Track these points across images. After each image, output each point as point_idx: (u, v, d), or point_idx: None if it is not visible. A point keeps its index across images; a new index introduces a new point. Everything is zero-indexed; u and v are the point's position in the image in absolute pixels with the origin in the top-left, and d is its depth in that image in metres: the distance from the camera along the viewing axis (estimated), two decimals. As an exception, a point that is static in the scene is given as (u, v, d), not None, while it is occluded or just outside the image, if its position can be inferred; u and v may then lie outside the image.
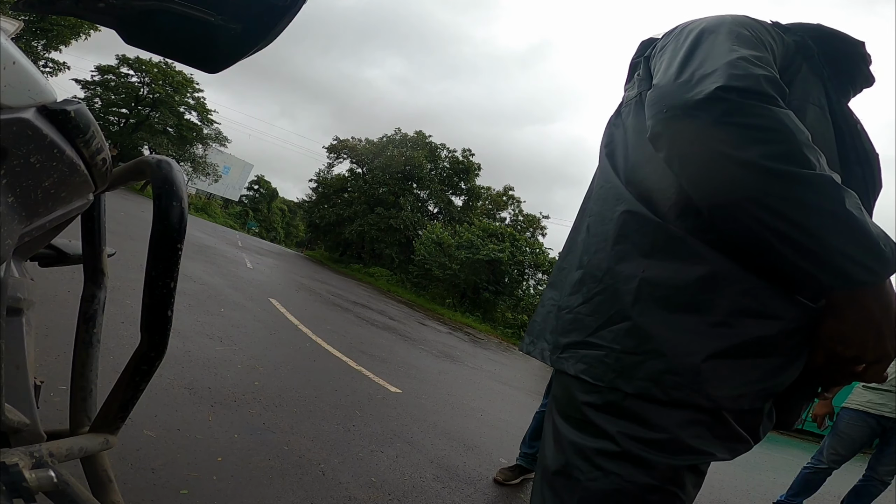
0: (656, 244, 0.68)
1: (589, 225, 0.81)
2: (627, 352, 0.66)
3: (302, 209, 37.69)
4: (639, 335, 0.65)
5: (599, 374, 0.67)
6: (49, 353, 2.13)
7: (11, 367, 0.68)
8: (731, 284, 0.62)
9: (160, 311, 0.67)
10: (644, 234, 0.69)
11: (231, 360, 3.15)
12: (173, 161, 0.69)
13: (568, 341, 0.74)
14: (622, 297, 0.68)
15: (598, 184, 0.83)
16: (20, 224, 0.48)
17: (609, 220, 0.75)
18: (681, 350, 0.63)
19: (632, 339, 0.66)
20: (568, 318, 0.76)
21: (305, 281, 11.30)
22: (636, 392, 0.64)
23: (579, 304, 0.74)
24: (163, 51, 0.87)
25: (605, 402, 0.67)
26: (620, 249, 0.71)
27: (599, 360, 0.68)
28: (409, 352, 6.21)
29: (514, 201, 27.69)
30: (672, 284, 0.65)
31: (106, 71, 27.16)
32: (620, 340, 0.67)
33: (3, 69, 0.41)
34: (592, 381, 0.68)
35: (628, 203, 0.73)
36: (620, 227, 0.72)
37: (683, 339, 0.63)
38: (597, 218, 0.79)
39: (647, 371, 0.64)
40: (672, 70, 0.68)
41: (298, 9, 0.74)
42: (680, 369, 0.62)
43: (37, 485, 0.51)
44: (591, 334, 0.71)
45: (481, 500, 2.38)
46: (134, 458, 1.67)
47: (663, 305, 0.65)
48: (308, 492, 1.87)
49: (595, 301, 0.72)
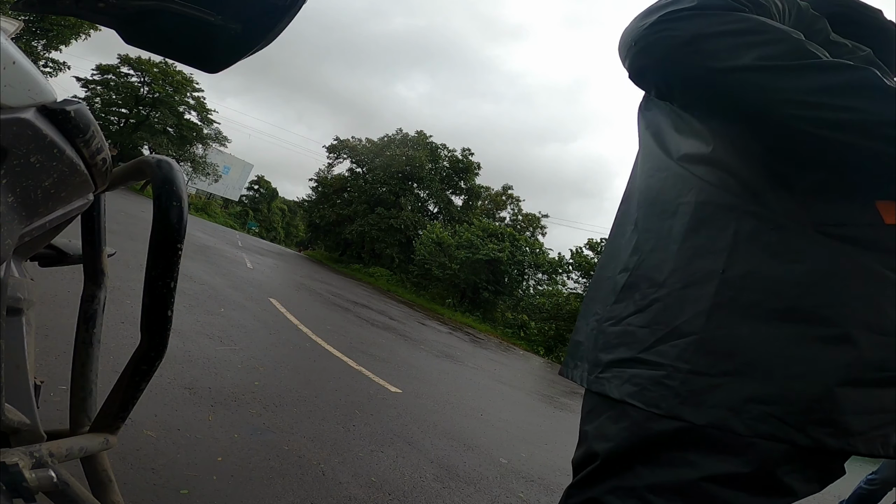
0: (739, 235, 0.56)
1: (638, 221, 0.69)
2: (698, 372, 0.54)
3: (302, 209, 37.72)
4: (716, 351, 0.54)
5: (656, 399, 0.55)
6: (49, 353, 2.13)
7: (11, 367, 0.68)
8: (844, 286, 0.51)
9: (160, 311, 0.67)
10: (723, 225, 0.57)
11: (231, 360, 3.14)
12: (173, 161, 0.69)
13: (612, 358, 0.62)
14: (693, 304, 0.56)
15: (646, 173, 0.71)
16: (20, 224, 0.48)
17: (669, 213, 0.63)
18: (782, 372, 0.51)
19: (705, 357, 0.54)
20: (614, 332, 0.63)
21: (305, 281, 11.30)
22: (708, 423, 0.52)
23: (631, 314, 0.62)
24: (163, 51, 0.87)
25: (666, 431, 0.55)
26: (689, 246, 0.59)
27: (656, 382, 0.56)
28: (409, 352, 6.21)
29: (513, 200, 27.71)
30: (764, 286, 0.53)
31: (106, 70, 27.16)
32: (689, 358, 0.55)
33: (3, 69, 0.41)
34: (645, 407, 0.56)
35: (696, 186, 0.61)
36: (689, 219, 0.60)
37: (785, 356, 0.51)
38: (649, 211, 0.67)
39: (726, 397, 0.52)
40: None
41: (298, 9, 0.74)
42: (779, 397, 0.50)
43: (37, 485, 0.51)
44: (646, 349, 0.58)
45: (481, 500, 2.38)
46: (134, 458, 1.67)
47: (753, 314, 0.53)
48: (308, 492, 1.87)
49: (654, 309, 0.59)
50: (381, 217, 25.52)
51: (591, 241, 19.42)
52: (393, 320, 9.14)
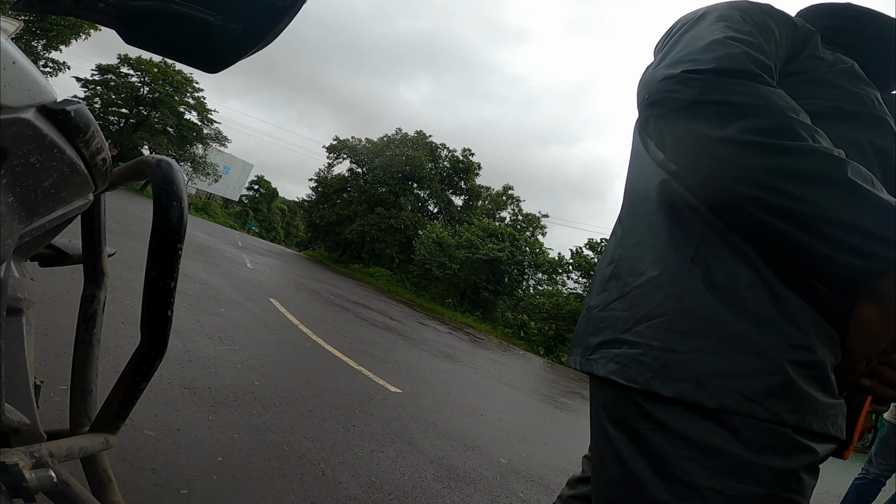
0: (705, 233, 0.61)
1: (622, 217, 0.75)
2: (669, 349, 0.58)
3: (302, 209, 37.73)
4: (684, 329, 0.58)
5: (633, 374, 0.60)
6: (49, 353, 2.13)
7: (11, 367, 0.68)
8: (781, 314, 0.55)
9: (160, 311, 0.67)
10: (692, 223, 0.63)
11: (231, 360, 3.14)
12: (173, 161, 0.69)
13: (599, 340, 0.67)
14: (667, 287, 0.61)
15: (632, 172, 0.77)
16: (20, 224, 0.48)
17: (649, 211, 0.68)
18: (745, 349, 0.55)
19: (675, 335, 0.58)
20: (601, 316, 0.68)
21: (305, 281, 11.30)
22: (674, 396, 0.56)
23: (614, 300, 0.67)
24: (163, 51, 0.88)
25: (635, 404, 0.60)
26: (665, 240, 0.64)
27: (634, 360, 0.61)
28: (409, 352, 6.21)
29: (513, 200, 27.70)
30: (727, 280, 0.58)
31: (106, 70, 27.17)
32: (661, 336, 0.59)
33: (3, 69, 0.41)
34: (625, 382, 0.61)
35: (670, 188, 0.66)
36: (664, 216, 0.65)
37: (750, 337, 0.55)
38: (632, 209, 0.73)
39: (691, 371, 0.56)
40: (658, 57, 0.67)
41: (298, 9, 0.74)
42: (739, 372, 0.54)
43: (37, 485, 0.51)
44: (626, 330, 0.63)
45: (481, 500, 2.38)
46: (134, 458, 1.67)
47: (720, 299, 0.57)
48: (308, 492, 1.87)
49: (633, 295, 0.64)
50: (380, 217, 25.52)
51: (591, 241, 19.42)
52: (393, 320, 9.14)
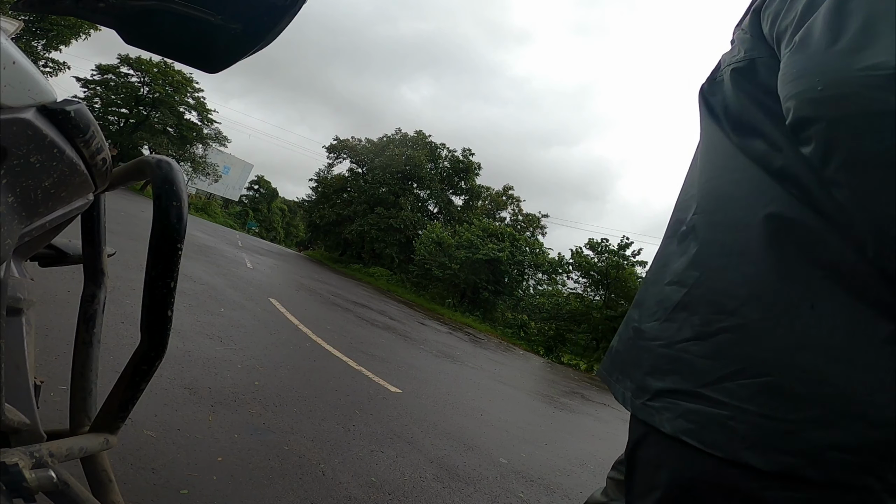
0: (832, 268, 0.46)
1: (697, 228, 0.59)
2: (771, 417, 0.47)
3: (302, 209, 37.75)
4: (796, 395, 0.46)
5: (717, 440, 0.49)
6: (49, 353, 2.13)
7: (11, 367, 0.68)
8: None
9: (160, 311, 0.67)
10: (811, 252, 0.47)
11: (231, 360, 3.14)
12: (173, 161, 0.69)
13: (663, 387, 0.55)
14: (772, 340, 0.48)
15: (709, 171, 0.61)
16: (20, 224, 0.48)
17: (743, 224, 0.53)
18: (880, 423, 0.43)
19: (782, 401, 0.46)
20: (665, 355, 0.56)
21: (305, 281, 11.30)
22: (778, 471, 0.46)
23: (687, 340, 0.54)
24: (163, 51, 0.88)
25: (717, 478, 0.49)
26: (770, 269, 0.49)
27: (718, 422, 0.49)
28: (409, 352, 6.22)
29: (513, 201, 27.72)
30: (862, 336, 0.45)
31: (106, 70, 27.17)
32: (762, 401, 0.47)
33: (3, 69, 0.41)
34: (704, 447, 0.49)
35: (778, 196, 0.50)
36: (770, 235, 0.50)
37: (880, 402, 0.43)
38: (714, 219, 0.57)
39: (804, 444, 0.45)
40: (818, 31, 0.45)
41: (298, 9, 0.74)
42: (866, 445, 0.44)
43: (37, 485, 0.51)
44: (708, 385, 0.51)
45: (481, 500, 2.38)
46: (134, 458, 1.67)
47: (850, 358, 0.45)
48: (308, 492, 1.87)
49: (719, 340, 0.51)
50: (380, 217, 25.54)
51: (592, 240, 19.41)
52: (393, 320, 9.15)
